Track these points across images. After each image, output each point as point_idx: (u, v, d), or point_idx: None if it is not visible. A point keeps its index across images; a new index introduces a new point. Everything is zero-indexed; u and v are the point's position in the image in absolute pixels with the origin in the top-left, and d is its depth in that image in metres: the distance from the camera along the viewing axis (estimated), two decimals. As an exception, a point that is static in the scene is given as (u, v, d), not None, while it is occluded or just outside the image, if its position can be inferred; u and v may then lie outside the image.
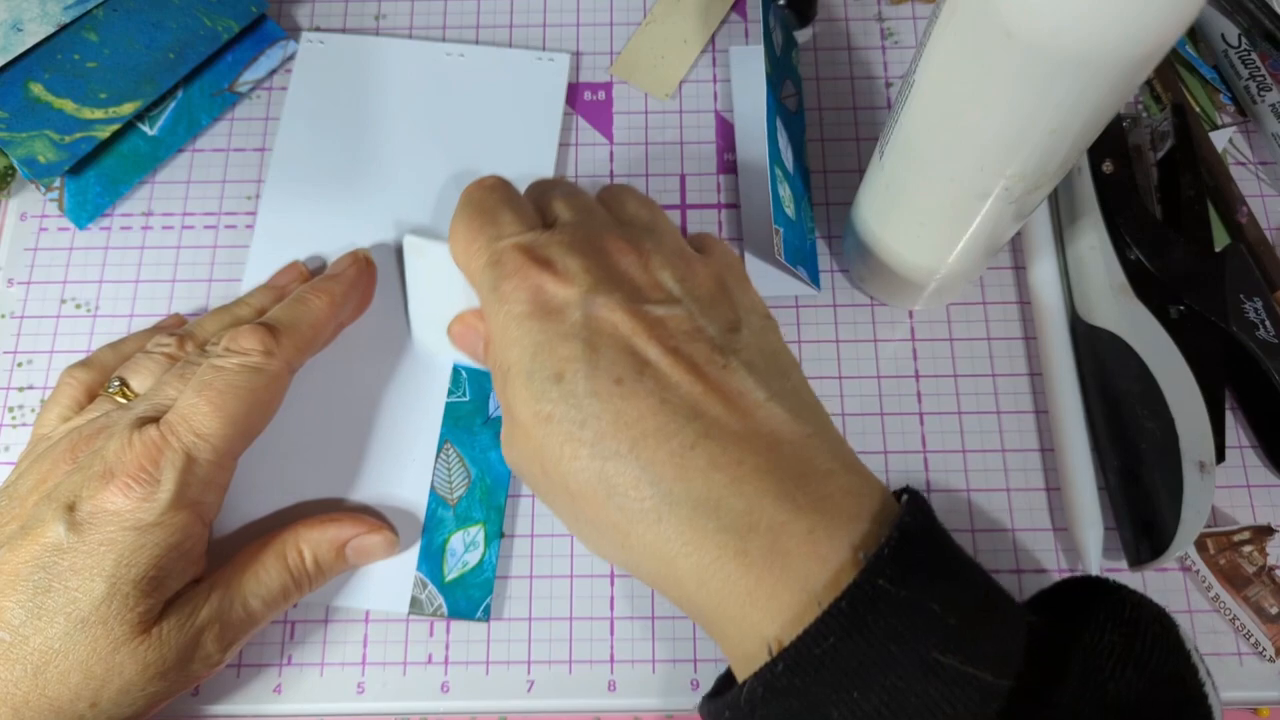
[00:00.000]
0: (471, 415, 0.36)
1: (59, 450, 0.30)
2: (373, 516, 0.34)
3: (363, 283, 0.36)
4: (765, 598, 0.22)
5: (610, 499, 0.24)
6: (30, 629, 0.26)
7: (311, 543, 0.32)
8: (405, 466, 0.35)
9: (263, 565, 0.31)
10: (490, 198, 0.29)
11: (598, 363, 0.24)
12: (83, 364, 0.34)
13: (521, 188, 0.31)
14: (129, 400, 0.31)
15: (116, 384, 0.32)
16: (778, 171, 0.35)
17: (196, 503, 0.29)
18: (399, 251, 0.38)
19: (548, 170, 0.39)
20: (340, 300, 0.34)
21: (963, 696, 0.20)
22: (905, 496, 0.24)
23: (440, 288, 0.32)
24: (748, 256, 0.38)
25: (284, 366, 0.32)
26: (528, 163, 0.39)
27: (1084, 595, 0.23)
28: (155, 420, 0.29)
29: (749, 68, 0.41)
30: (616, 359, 0.24)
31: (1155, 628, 0.22)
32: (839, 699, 0.21)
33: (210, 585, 0.29)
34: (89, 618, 0.27)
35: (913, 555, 0.21)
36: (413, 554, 0.34)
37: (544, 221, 0.29)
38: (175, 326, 0.37)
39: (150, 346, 0.33)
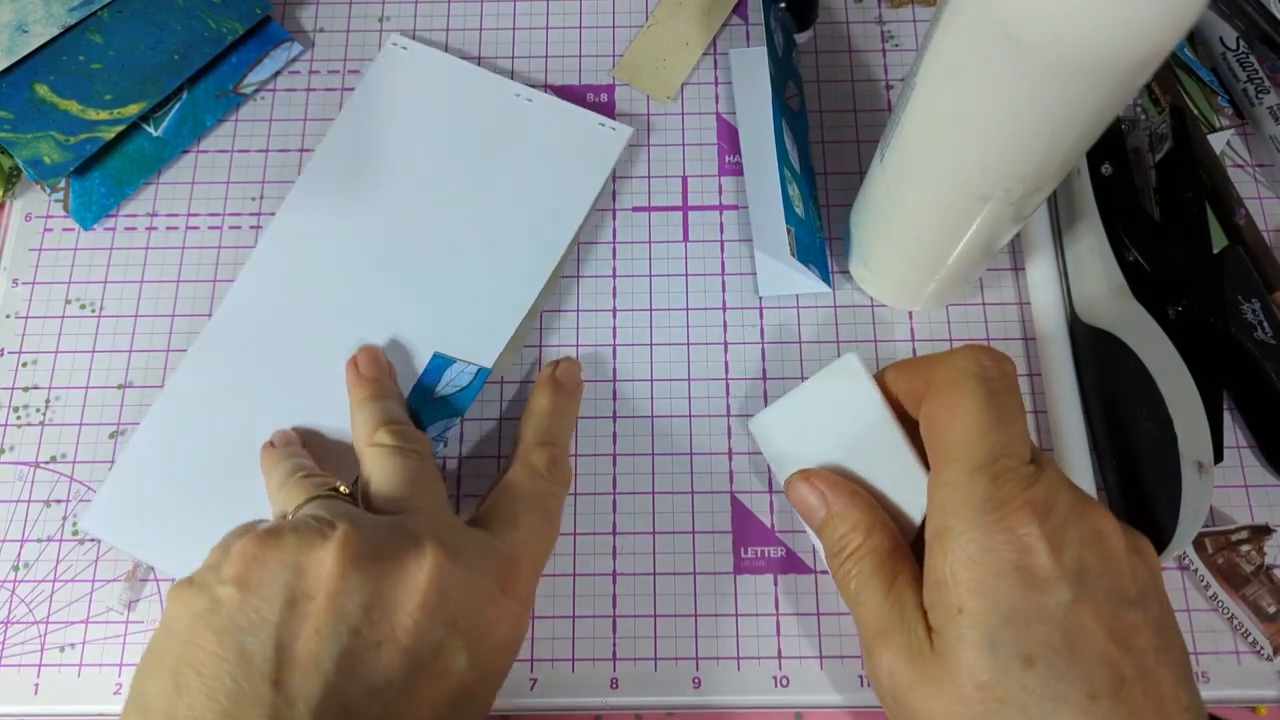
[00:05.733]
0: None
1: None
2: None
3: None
4: None
5: None
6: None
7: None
8: None
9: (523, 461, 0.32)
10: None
11: (1074, 665, 0.22)
12: None
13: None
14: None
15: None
16: (786, 171, 0.35)
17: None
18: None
19: (569, 226, 0.38)
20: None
21: None
22: None
23: (823, 426, 0.32)
24: (757, 255, 0.38)
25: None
26: (554, 216, 0.38)
27: None
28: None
29: (750, 69, 0.41)
30: (1093, 667, 0.22)
31: None
32: None
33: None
34: None
35: None
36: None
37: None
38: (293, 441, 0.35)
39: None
